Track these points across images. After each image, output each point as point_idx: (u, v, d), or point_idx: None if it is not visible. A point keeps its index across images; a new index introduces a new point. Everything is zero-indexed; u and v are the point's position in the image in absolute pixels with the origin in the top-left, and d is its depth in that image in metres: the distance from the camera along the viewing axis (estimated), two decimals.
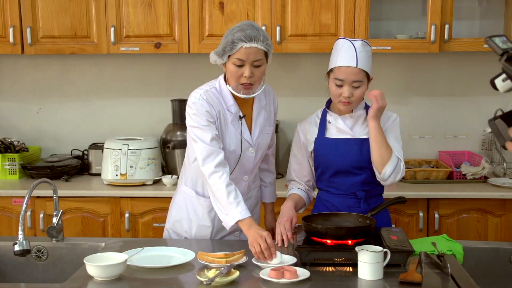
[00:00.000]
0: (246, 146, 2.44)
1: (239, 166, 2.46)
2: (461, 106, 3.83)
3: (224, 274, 1.97)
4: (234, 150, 2.41)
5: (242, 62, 2.30)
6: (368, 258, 2.00)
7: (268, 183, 2.71)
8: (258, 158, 2.52)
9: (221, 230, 2.54)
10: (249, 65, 2.30)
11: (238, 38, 2.28)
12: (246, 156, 2.45)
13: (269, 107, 2.54)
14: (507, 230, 3.27)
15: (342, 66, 2.36)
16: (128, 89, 3.94)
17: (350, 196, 2.45)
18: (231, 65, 2.32)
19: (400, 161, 2.38)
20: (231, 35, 2.30)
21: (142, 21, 3.49)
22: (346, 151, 2.42)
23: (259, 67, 2.32)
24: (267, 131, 2.52)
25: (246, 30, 2.29)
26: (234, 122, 2.42)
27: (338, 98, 2.39)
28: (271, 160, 2.70)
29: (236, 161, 2.43)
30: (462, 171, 3.51)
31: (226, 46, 2.31)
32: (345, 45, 2.38)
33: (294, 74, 3.86)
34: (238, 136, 2.42)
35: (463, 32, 3.68)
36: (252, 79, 2.32)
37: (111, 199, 3.36)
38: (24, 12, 3.51)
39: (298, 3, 3.42)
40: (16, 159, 3.64)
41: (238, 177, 2.47)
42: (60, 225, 2.47)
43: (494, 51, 1.70)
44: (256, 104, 2.48)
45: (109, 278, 2.04)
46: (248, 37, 2.27)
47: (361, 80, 2.36)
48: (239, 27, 2.31)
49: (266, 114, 2.51)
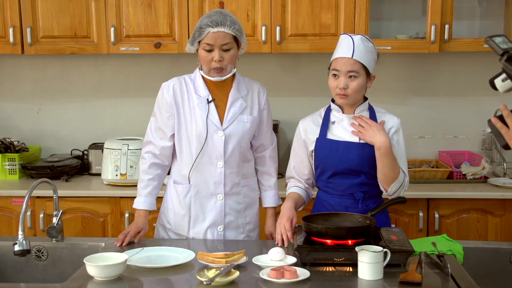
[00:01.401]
0: (214, 129, 2.49)
1: (208, 149, 2.50)
2: (461, 106, 3.83)
3: (224, 274, 1.97)
4: (200, 133, 2.49)
5: (211, 46, 2.41)
6: (368, 258, 2.00)
7: (267, 186, 2.70)
8: (232, 145, 2.51)
9: (197, 220, 2.55)
10: (218, 49, 2.41)
11: (205, 24, 2.41)
12: (214, 139, 2.49)
13: (251, 99, 2.58)
14: (507, 230, 3.27)
15: (338, 57, 2.40)
16: (128, 89, 3.94)
17: (348, 197, 2.45)
18: (202, 51, 2.44)
19: (405, 177, 2.42)
20: (200, 22, 2.44)
21: (142, 21, 3.49)
22: (346, 154, 2.42)
23: (228, 51, 2.43)
24: (245, 120, 2.54)
25: (213, 16, 2.42)
26: (201, 105, 2.50)
27: (335, 90, 2.41)
28: (269, 162, 2.68)
29: (202, 142, 2.49)
30: (462, 171, 3.51)
31: (195, 32, 2.44)
32: (344, 39, 2.42)
33: (294, 74, 3.86)
34: (204, 118, 2.48)
35: (463, 32, 3.68)
36: (222, 63, 2.43)
37: (111, 199, 3.36)
38: (24, 12, 3.51)
39: (298, 3, 3.42)
40: (16, 159, 3.64)
41: (209, 161, 2.51)
42: (60, 225, 2.47)
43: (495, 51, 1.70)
44: (233, 91, 2.54)
45: (109, 278, 2.04)
46: (214, 22, 2.40)
47: (356, 71, 2.36)
48: (208, 14, 2.46)
49: (244, 104, 2.55)
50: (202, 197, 2.54)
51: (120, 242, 2.41)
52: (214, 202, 2.54)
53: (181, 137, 2.53)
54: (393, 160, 2.37)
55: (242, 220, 2.60)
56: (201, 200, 2.54)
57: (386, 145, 2.34)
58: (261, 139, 2.64)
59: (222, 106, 2.53)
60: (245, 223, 2.62)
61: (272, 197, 2.69)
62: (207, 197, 2.54)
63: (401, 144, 2.46)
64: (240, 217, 2.59)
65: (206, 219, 2.55)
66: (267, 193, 2.69)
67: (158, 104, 2.57)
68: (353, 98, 2.42)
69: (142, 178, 2.58)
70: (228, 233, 2.58)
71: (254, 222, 2.66)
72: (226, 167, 2.53)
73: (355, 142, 2.42)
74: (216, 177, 2.52)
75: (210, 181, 2.53)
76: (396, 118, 2.49)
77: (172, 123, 2.53)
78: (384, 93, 3.76)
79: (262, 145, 2.65)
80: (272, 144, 2.69)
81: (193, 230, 2.56)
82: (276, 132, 3.60)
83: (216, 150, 2.50)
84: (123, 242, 2.41)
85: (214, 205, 2.54)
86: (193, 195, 2.55)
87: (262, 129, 2.62)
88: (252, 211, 2.65)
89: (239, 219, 2.59)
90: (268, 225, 2.68)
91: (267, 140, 2.65)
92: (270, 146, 2.68)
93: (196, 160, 2.50)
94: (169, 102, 2.52)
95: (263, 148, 2.66)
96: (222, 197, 2.54)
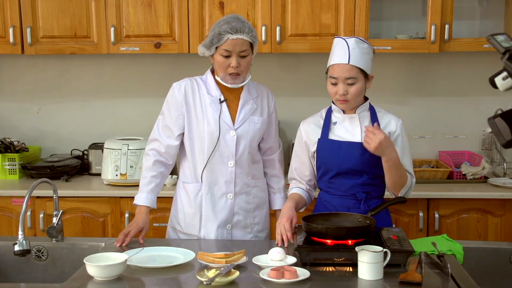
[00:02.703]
0: (226, 129, 2.51)
1: (220, 148, 2.51)
2: (461, 106, 3.83)
3: (224, 274, 1.97)
4: (212, 132, 2.50)
5: (229, 53, 2.43)
6: (368, 258, 2.00)
7: (276, 189, 2.72)
8: (243, 145, 2.54)
9: (208, 220, 2.55)
10: (236, 56, 2.44)
11: (225, 30, 2.41)
12: (226, 139, 2.51)
13: (261, 101, 2.61)
14: (507, 230, 3.27)
15: (335, 64, 2.38)
16: (128, 89, 3.94)
17: (350, 198, 2.45)
18: (219, 56, 2.45)
19: (412, 178, 2.44)
20: (218, 28, 2.43)
21: (142, 21, 3.49)
22: (348, 154, 2.42)
23: (245, 57, 2.46)
24: (256, 121, 2.57)
25: (232, 23, 2.42)
26: (213, 104, 2.52)
27: (335, 96, 2.41)
28: (277, 165, 2.72)
29: (215, 142, 2.50)
30: (462, 171, 3.51)
31: (213, 38, 2.44)
32: (339, 43, 2.40)
33: (294, 74, 3.86)
34: (217, 118, 2.50)
35: (463, 32, 3.68)
36: (239, 69, 2.45)
37: (111, 199, 3.36)
38: (24, 12, 3.51)
39: (298, 3, 3.42)
40: (16, 159, 3.64)
41: (221, 161, 2.53)
42: (60, 225, 2.47)
43: (497, 49, 1.70)
44: (244, 93, 2.57)
45: (109, 278, 2.04)
46: (234, 29, 2.41)
47: (354, 76, 2.36)
48: (225, 20, 2.45)
49: (255, 105, 2.58)
50: (213, 196, 2.55)
51: (121, 242, 2.40)
52: (225, 201, 2.56)
53: (192, 136, 2.54)
54: (401, 170, 2.38)
55: (251, 220, 2.61)
56: (212, 199, 2.55)
57: (394, 158, 2.34)
58: (270, 142, 2.68)
59: (233, 107, 2.55)
60: (254, 224, 2.62)
61: (282, 199, 2.71)
62: (218, 196, 2.55)
63: (405, 146, 2.46)
64: (248, 217, 2.61)
65: (217, 218, 2.55)
66: (276, 196, 2.71)
67: (167, 103, 2.58)
68: (354, 102, 2.42)
69: (145, 174, 2.57)
70: (235, 232, 2.59)
71: (263, 223, 2.67)
72: (237, 166, 2.55)
73: (357, 142, 2.42)
74: (227, 176, 2.54)
75: (221, 180, 2.54)
76: (397, 119, 2.49)
77: (180, 123, 2.54)
78: (384, 93, 3.76)
79: (271, 148, 2.69)
80: (279, 148, 2.74)
81: (204, 229, 2.57)
82: None
83: (228, 149, 2.52)
84: (123, 243, 2.41)
85: (224, 204, 2.56)
86: (204, 194, 2.56)
87: (271, 132, 2.66)
88: (262, 212, 2.66)
89: (248, 219, 2.61)
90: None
91: (275, 143, 2.71)
92: (278, 149, 2.73)
93: (208, 159, 2.52)
94: (179, 101, 2.53)
95: (272, 151, 2.70)
96: (232, 196, 2.56)
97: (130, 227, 2.47)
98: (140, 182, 2.59)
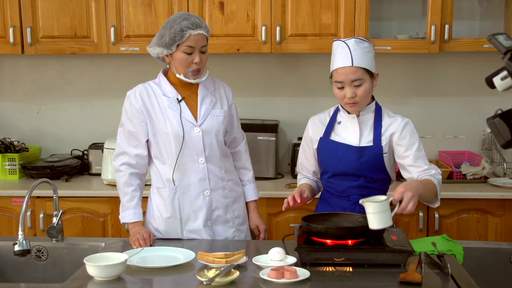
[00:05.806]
0: (190, 126, 2.50)
1: (187, 146, 2.50)
2: (461, 106, 3.83)
3: (224, 274, 1.97)
4: (177, 132, 2.49)
5: (192, 49, 2.42)
6: (373, 208, 2.06)
7: (246, 180, 2.72)
8: (210, 140, 2.53)
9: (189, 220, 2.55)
10: (198, 51, 2.43)
11: (186, 26, 2.40)
12: (192, 136, 2.50)
13: (219, 94, 2.62)
14: (507, 230, 3.27)
15: (339, 68, 2.35)
16: (128, 89, 3.90)
17: (346, 199, 2.45)
18: (181, 54, 2.43)
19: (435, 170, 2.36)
20: (177, 25, 2.40)
21: (142, 21, 3.49)
22: (345, 157, 2.41)
23: (204, 53, 2.47)
24: (218, 114, 2.57)
25: (190, 19, 2.42)
26: (172, 105, 2.51)
27: (343, 100, 2.38)
28: (245, 157, 2.72)
29: (181, 141, 2.49)
30: (462, 171, 3.51)
31: (175, 35, 2.40)
32: (339, 46, 2.38)
33: (294, 74, 3.85)
34: (178, 117, 2.49)
35: (463, 32, 3.68)
36: (200, 64, 2.46)
37: (111, 199, 3.36)
38: (24, 12, 3.51)
39: (298, 3, 3.42)
40: (16, 159, 3.64)
41: (191, 159, 2.52)
42: (60, 225, 2.47)
43: (498, 49, 1.70)
44: (201, 88, 2.57)
45: (109, 278, 2.04)
46: (194, 24, 2.41)
47: (360, 78, 2.34)
48: (181, 16, 2.44)
49: (214, 99, 2.58)
50: (190, 196, 2.54)
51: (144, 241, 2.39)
52: (203, 198, 2.54)
53: (158, 140, 2.52)
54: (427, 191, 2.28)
55: (231, 214, 2.61)
56: (189, 199, 2.54)
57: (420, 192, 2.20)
58: (234, 133, 2.68)
59: (193, 104, 2.55)
60: (234, 217, 2.62)
61: (252, 190, 2.72)
62: (195, 196, 2.54)
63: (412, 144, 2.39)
64: (228, 211, 2.60)
65: (198, 217, 2.54)
66: (246, 188, 2.71)
67: (127, 113, 2.54)
68: (364, 103, 2.40)
69: (126, 191, 2.52)
70: (217, 228, 2.57)
71: (243, 216, 2.68)
72: (208, 162, 2.54)
73: (354, 145, 2.41)
74: (200, 173, 2.53)
75: (195, 179, 2.53)
76: (402, 120, 2.43)
77: (145, 129, 2.52)
78: (384, 93, 3.74)
79: (235, 139, 2.69)
80: (243, 139, 2.74)
81: (186, 230, 2.55)
82: (276, 132, 3.61)
83: (196, 146, 2.51)
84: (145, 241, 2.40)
85: (203, 201, 2.54)
86: (180, 196, 2.54)
87: (233, 124, 2.67)
88: (239, 205, 2.66)
89: (228, 213, 2.60)
90: (252, 219, 2.71)
91: (239, 134, 2.71)
92: (242, 140, 2.73)
93: (177, 160, 2.50)
94: (138, 108, 2.51)
95: (236, 142, 2.70)
96: (209, 192, 2.55)
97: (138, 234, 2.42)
98: (122, 199, 2.53)
